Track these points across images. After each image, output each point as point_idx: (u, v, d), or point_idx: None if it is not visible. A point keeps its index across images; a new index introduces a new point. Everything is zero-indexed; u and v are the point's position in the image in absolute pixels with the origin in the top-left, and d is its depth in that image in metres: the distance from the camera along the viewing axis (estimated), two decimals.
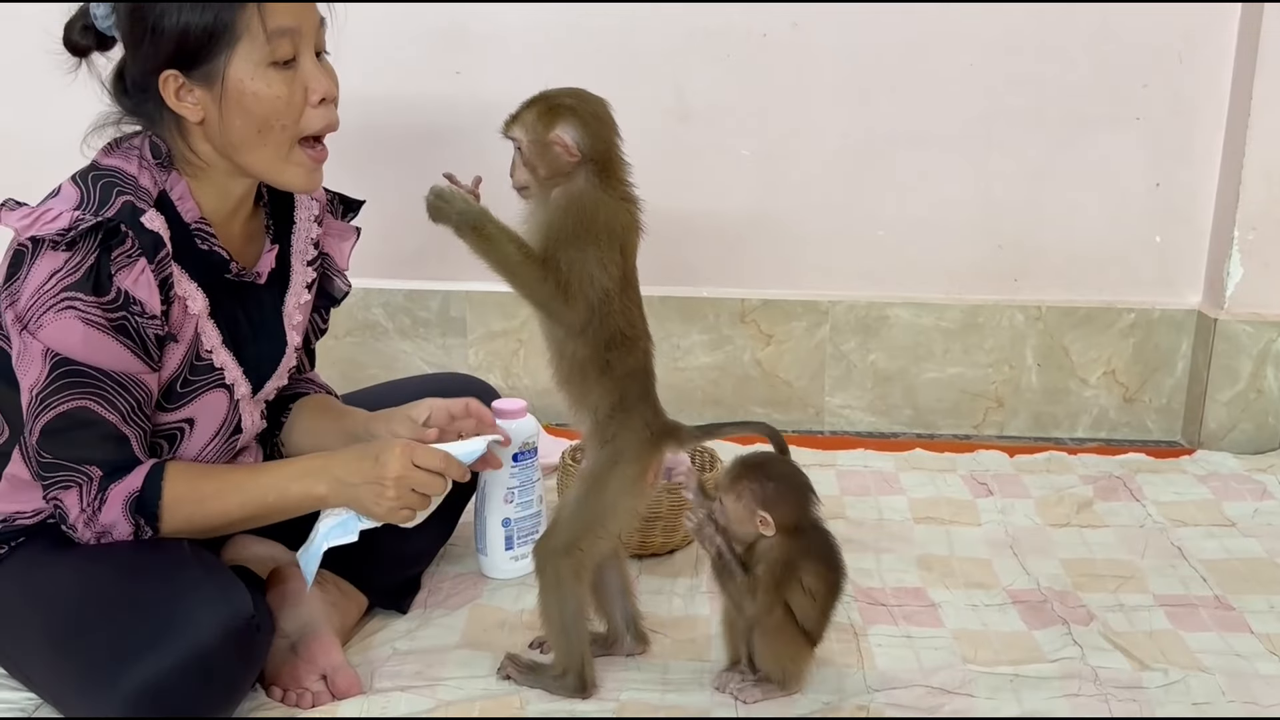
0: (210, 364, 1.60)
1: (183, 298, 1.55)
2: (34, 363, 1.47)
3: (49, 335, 1.46)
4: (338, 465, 1.58)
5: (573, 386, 1.58)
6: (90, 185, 1.50)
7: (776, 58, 2.60)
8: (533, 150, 1.54)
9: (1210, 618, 1.87)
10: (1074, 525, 2.20)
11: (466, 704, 1.60)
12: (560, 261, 1.50)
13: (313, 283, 1.77)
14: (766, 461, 1.63)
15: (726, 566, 1.58)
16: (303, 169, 1.58)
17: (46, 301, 1.45)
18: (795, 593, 1.58)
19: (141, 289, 1.48)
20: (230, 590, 1.49)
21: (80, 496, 1.50)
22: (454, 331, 2.74)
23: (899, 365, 2.74)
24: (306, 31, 1.54)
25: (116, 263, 1.46)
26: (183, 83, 1.51)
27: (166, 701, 1.39)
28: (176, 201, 1.56)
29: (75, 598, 1.49)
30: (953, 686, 1.66)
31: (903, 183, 2.66)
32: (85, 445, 1.50)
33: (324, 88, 1.55)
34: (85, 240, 1.45)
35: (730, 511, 1.59)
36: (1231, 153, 2.59)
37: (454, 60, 2.61)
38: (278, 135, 1.54)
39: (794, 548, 1.58)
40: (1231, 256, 2.60)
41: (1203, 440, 2.64)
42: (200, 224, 1.57)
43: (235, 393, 1.65)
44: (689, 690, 1.65)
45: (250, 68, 1.50)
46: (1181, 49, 2.57)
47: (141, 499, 1.51)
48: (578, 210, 1.51)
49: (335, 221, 1.81)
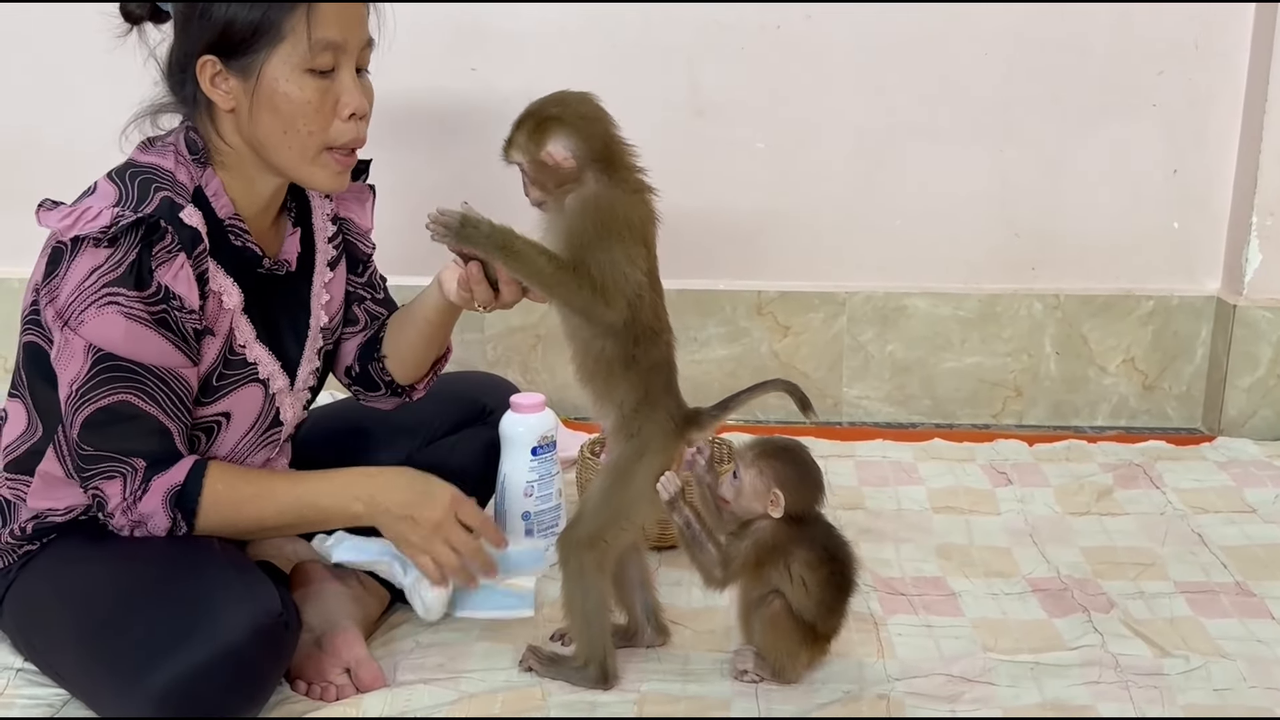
0: (243, 359, 1.62)
1: (218, 293, 1.57)
2: (75, 358, 1.49)
3: (91, 331, 1.48)
4: (380, 488, 1.59)
5: (598, 382, 1.59)
6: (129, 182, 1.52)
7: (790, 50, 2.60)
8: (534, 169, 1.55)
9: (1231, 604, 1.86)
10: (1094, 513, 2.19)
11: (489, 696, 1.61)
12: (590, 265, 1.50)
13: (336, 259, 1.78)
14: (791, 447, 1.65)
15: (696, 538, 1.60)
16: (328, 171, 1.60)
17: (88, 298, 1.47)
18: (784, 580, 1.59)
19: (181, 284, 1.50)
20: (259, 588, 1.51)
21: (124, 486, 1.52)
22: (471, 327, 2.75)
23: (917, 355, 2.74)
24: (351, 48, 1.56)
25: (157, 258, 1.48)
26: (219, 70, 1.53)
27: (197, 698, 1.41)
28: (211, 198, 1.57)
29: (106, 595, 1.51)
30: (973, 675, 1.67)
31: (919, 172, 2.66)
32: (127, 438, 1.51)
33: (356, 103, 1.57)
34: (126, 236, 1.47)
35: (746, 484, 1.61)
36: (1249, 138, 2.58)
37: (469, 57, 2.62)
38: (303, 139, 1.55)
39: (788, 534, 1.59)
40: (1250, 242, 2.59)
41: (1223, 427, 2.63)
42: (234, 220, 1.59)
43: (271, 386, 1.66)
44: (710, 681, 1.66)
45: (287, 70, 1.52)
46: (1198, 35, 2.56)
47: (183, 493, 1.52)
48: (594, 212, 1.52)
49: (350, 184, 1.81)
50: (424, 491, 1.59)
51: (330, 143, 1.57)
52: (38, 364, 1.56)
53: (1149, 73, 2.58)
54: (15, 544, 1.60)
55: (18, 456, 1.60)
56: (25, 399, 1.60)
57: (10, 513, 1.61)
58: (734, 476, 1.63)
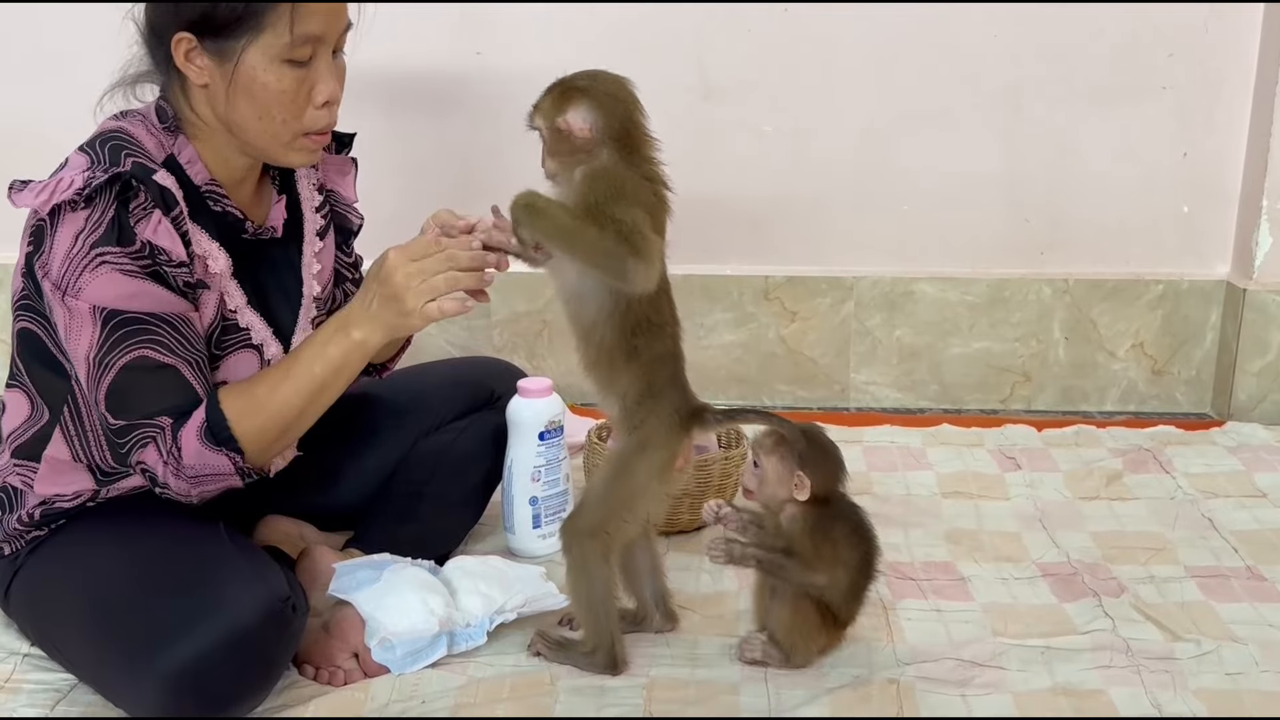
0: (235, 324, 1.62)
1: (203, 256, 1.56)
2: (85, 325, 1.48)
3: (91, 294, 1.47)
4: (354, 307, 1.57)
5: (600, 372, 1.58)
6: (99, 149, 1.51)
7: (798, 32, 2.58)
8: (552, 136, 1.54)
9: (1242, 588, 1.86)
10: (1103, 498, 2.19)
11: (497, 681, 1.61)
12: (611, 216, 1.47)
13: (324, 228, 1.78)
14: (808, 429, 1.64)
15: (773, 562, 1.59)
16: (303, 153, 1.61)
17: (80, 262, 1.46)
18: (825, 560, 1.58)
19: (163, 238, 1.49)
20: (266, 571, 1.51)
21: (158, 449, 1.51)
22: (478, 313, 2.73)
23: (925, 341, 2.73)
24: (330, 38, 1.55)
25: (134, 215, 1.47)
26: (195, 47, 1.52)
27: (205, 681, 1.41)
28: (186, 165, 1.57)
29: (114, 580, 1.50)
30: (984, 659, 1.66)
31: (927, 156, 2.65)
32: (150, 395, 1.50)
33: (329, 91, 1.56)
34: (101, 195, 1.46)
35: (768, 471, 1.60)
36: (1259, 121, 2.56)
37: (475, 41, 2.61)
38: (278, 126, 1.56)
39: (823, 514, 1.59)
40: (1260, 226, 2.58)
41: (1232, 412, 2.62)
42: (211, 185, 1.59)
43: (265, 353, 1.66)
44: (719, 666, 1.65)
45: (265, 60, 1.51)
46: (1208, 17, 2.54)
47: (209, 426, 1.51)
48: (605, 179, 1.50)
49: (332, 157, 1.82)
50: (374, 275, 1.55)
51: (304, 129, 1.57)
52: (33, 349, 1.55)
53: (1159, 55, 2.57)
54: (23, 530, 1.60)
55: (24, 442, 1.60)
56: (26, 386, 1.59)
57: (18, 499, 1.61)
58: (754, 465, 1.62)
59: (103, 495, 1.59)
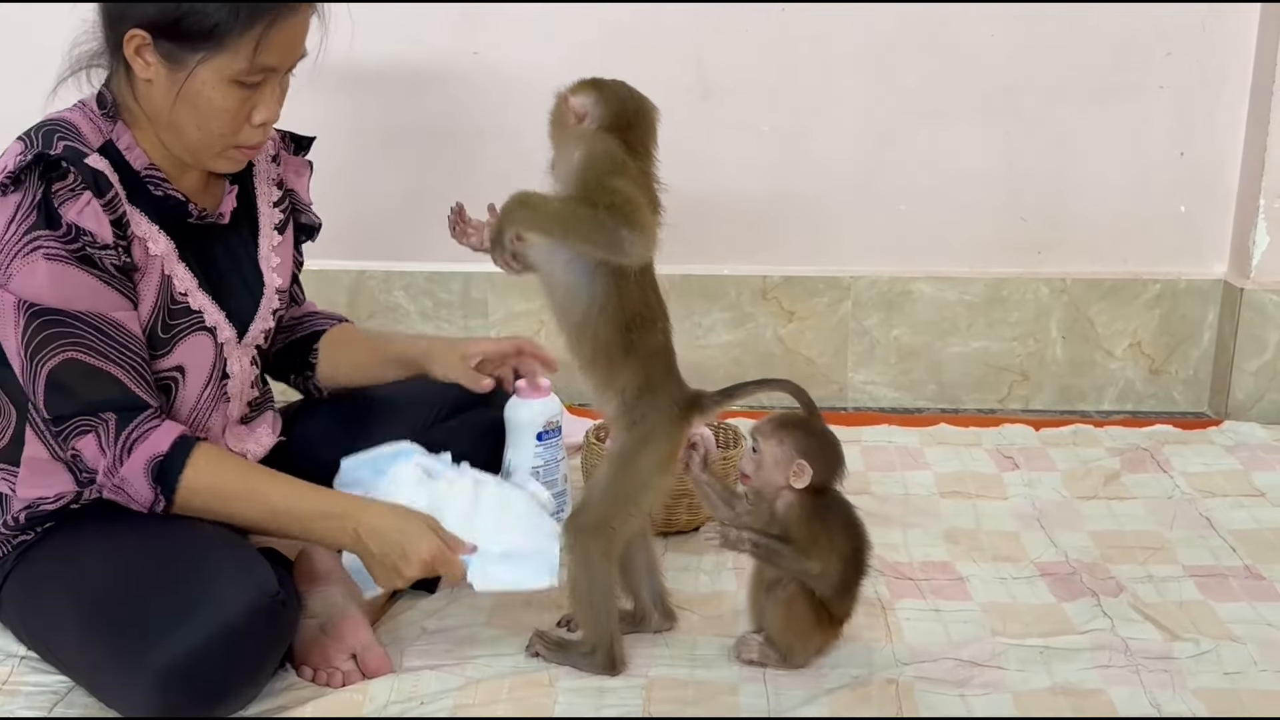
0: (187, 306, 1.61)
1: (142, 239, 1.56)
2: (8, 320, 1.49)
3: (18, 284, 1.48)
4: (367, 523, 1.55)
5: (598, 369, 1.58)
6: (34, 136, 1.52)
7: (796, 32, 2.58)
8: (557, 109, 1.57)
9: (1240, 587, 1.86)
10: (1101, 498, 2.19)
11: (496, 681, 1.60)
12: (604, 191, 1.48)
13: (283, 223, 1.79)
14: (809, 420, 1.65)
15: (769, 548, 1.58)
16: (229, 162, 1.62)
17: (14, 248, 1.47)
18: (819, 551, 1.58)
19: (88, 220, 1.49)
20: (255, 567, 1.51)
21: (98, 440, 1.50)
22: (476, 313, 2.73)
23: (923, 340, 2.73)
24: (284, 68, 1.57)
25: (59, 196, 1.47)
26: (148, 44, 1.51)
27: (196, 678, 1.42)
28: (124, 151, 1.57)
29: (104, 579, 1.51)
30: (983, 659, 1.66)
31: (924, 155, 2.65)
32: (90, 393, 1.50)
33: (268, 114, 1.58)
34: (28, 176, 1.47)
35: (767, 455, 1.60)
36: (1256, 120, 2.56)
37: (472, 41, 2.61)
38: (212, 139, 1.57)
39: (818, 504, 1.59)
40: (1257, 225, 2.58)
41: (1230, 411, 2.62)
42: (151, 170, 1.59)
43: (219, 336, 1.66)
44: (717, 666, 1.65)
45: (217, 79, 1.52)
46: (1206, 16, 2.54)
47: (164, 467, 1.51)
48: (605, 157, 1.52)
49: (291, 158, 1.83)
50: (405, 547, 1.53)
51: (237, 144, 1.59)
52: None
53: (1157, 54, 2.57)
54: (9, 534, 1.60)
55: (2, 447, 1.60)
56: None
57: (2, 504, 1.61)
58: (752, 450, 1.62)
59: (86, 496, 1.58)
